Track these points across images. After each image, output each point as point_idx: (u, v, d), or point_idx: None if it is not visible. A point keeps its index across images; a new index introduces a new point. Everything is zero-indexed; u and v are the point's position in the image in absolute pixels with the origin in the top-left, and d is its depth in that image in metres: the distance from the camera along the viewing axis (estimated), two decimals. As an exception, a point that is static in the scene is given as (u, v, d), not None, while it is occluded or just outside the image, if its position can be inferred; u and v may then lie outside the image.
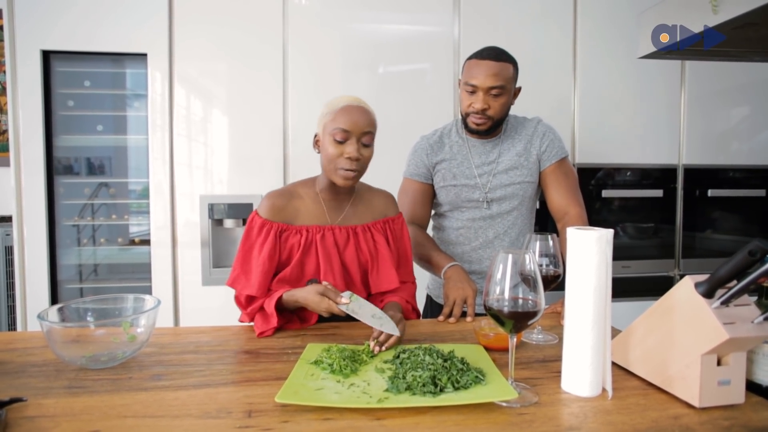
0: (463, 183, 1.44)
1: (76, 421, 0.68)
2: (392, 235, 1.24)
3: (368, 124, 1.12)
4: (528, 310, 0.76)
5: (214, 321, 1.24)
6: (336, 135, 1.10)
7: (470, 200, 1.44)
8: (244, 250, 1.15)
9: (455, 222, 1.48)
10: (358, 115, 1.10)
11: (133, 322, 0.92)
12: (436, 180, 1.48)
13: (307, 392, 0.75)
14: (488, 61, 1.33)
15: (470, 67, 1.37)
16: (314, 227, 1.16)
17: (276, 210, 1.15)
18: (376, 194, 1.28)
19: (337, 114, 1.11)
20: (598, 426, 0.68)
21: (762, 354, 0.78)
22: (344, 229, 1.18)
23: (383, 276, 1.19)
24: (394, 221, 1.26)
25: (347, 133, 1.09)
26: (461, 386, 0.77)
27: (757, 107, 2.46)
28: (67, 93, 2.11)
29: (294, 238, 1.15)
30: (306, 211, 1.18)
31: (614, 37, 2.30)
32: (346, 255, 1.17)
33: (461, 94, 1.40)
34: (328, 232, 1.17)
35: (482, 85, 1.33)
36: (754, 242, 0.64)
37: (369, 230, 1.21)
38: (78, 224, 2.18)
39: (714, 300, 0.72)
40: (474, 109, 1.35)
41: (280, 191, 1.20)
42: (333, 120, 1.11)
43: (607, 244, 0.78)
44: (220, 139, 2.14)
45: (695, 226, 2.44)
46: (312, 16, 2.15)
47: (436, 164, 1.47)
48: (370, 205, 1.24)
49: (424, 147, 1.50)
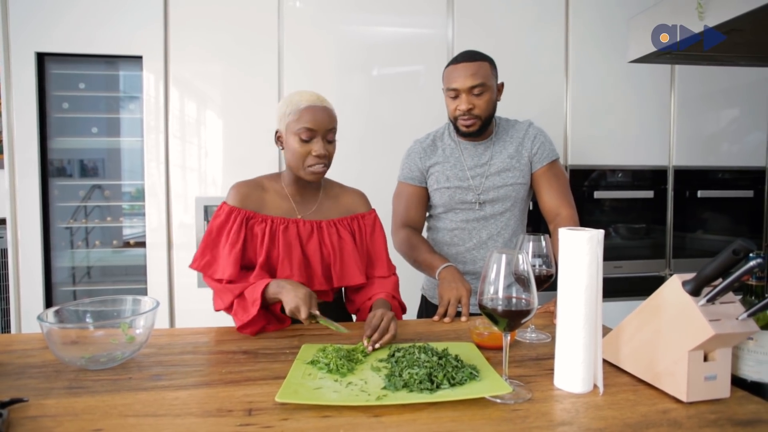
0: (457, 185, 1.46)
1: (79, 421, 0.69)
2: (360, 232, 1.27)
3: (332, 121, 1.17)
4: (521, 308, 0.78)
5: (210, 322, 1.25)
6: (302, 134, 1.14)
7: (464, 202, 1.46)
8: (212, 237, 1.17)
9: (449, 223, 1.50)
10: (321, 113, 1.15)
11: (132, 323, 0.93)
12: (430, 183, 1.51)
13: (306, 391, 0.77)
14: (464, 63, 1.37)
15: (448, 74, 1.41)
16: (279, 218, 1.19)
17: (243, 197, 1.19)
18: (346, 192, 1.31)
19: (301, 114, 1.15)
20: (589, 421, 0.70)
21: (747, 350, 0.81)
22: (309, 222, 1.21)
23: (347, 271, 1.22)
24: (364, 218, 1.29)
25: (313, 132, 1.14)
26: (457, 382, 0.79)
27: (745, 109, 2.51)
28: (61, 95, 2.11)
29: (259, 226, 1.18)
30: (272, 203, 1.22)
31: (606, 40, 2.34)
32: (308, 248, 1.20)
33: (446, 102, 1.44)
34: (292, 225, 1.20)
35: (463, 87, 1.36)
36: (738, 242, 0.67)
37: (334, 225, 1.24)
38: (72, 226, 2.18)
39: (700, 298, 0.74)
40: (460, 111, 1.38)
41: (247, 181, 1.24)
42: (297, 120, 1.15)
43: (598, 244, 0.80)
44: (215, 141, 2.15)
45: (685, 227, 2.48)
46: (306, 19, 2.16)
47: (430, 167, 1.50)
48: (339, 202, 1.28)
49: (417, 151, 1.52)
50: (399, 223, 1.53)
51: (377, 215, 1.33)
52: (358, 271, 1.22)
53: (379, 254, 1.29)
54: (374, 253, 1.29)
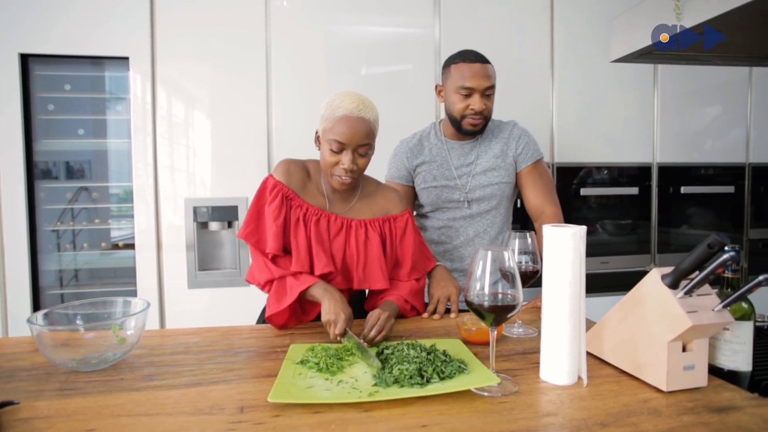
0: (444, 184, 1.48)
1: (71, 422, 0.69)
2: (391, 236, 1.25)
3: (365, 136, 1.12)
4: (507, 304, 0.80)
5: (201, 324, 1.25)
6: (332, 145, 1.12)
7: (451, 200, 1.49)
8: (257, 209, 1.18)
9: (436, 222, 1.53)
10: (355, 126, 1.11)
11: (123, 324, 0.94)
12: (417, 182, 1.53)
13: (298, 390, 0.78)
14: (479, 64, 1.39)
15: (461, 71, 1.39)
16: (314, 208, 1.19)
17: (288, 175, 1.20)
18: (381, 191, 1.29)
19: (335, 123, 1.11)
20: (573, 411, 0.72)
21: (723, 340, 0.84)
22: (339, 219, 1.21)
23: (369, 275, 1.20)
24: (396, 220, 1.26)
25: (343, 145, 1.11)
26: (446, 376, 0.81)
27: (726, 107, 2.57)
28: (46, 97, 2.09)
29: (295, 211, 1.17)
30: (310, 191, 1.22)
31: (590, 40, 2.38)
32: (334, 244, 1.19)
33: (451, 97, 1.42)
34: (324, 218, 1.19)
35: (479, 87, 1.37)
36: (712, 236, 0.69)
37: (364, 226, 1.22)
38: (59, 229, 2.16)
39: (678, 290, 0.77)
40: (472, 110, 1.39)
41: (296, 161, 1.24)
42: (331, 128, 1.12)
43: (581, 239, 0.83)
44: (204, 142, 2.14)
45: (669, 222, 2.53)
46: (294, 19, 2.17)
47: (417, 167, 1.52)
48: (374, 201, 1.26)
49: (404, 150, 1.55)
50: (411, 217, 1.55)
51: (411, 216, 1.30)
52: (381, 275, 1.19)
53: (405, 258, 1.26)
54: (401, 256, 1.26)
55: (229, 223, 2.17)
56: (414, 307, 1.24)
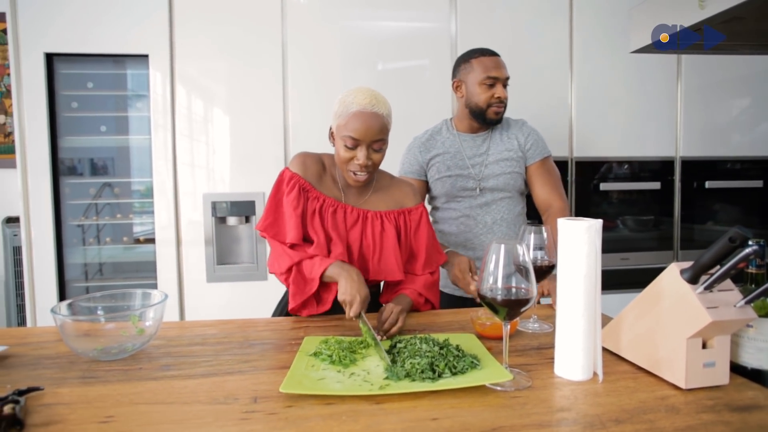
0: (458, 173, 1.54)
1: (91, 408, 0.72)
2: (406, 228, 1.25)
3: (379, 132, 1.12)
4: (521, 297, 0.79)
5: (219, 316, 1.28)
6: (347, 141, 1.12)
7: (465, 189, 1.54)
8: (275, 201, 1.20)
9: (453, 213, 1.57)
10: (369, 122, 1.11)
11: (142, 315, 0.96)
12: (431, 174, 1.58)
13: (310, 382, 0.78)
14: (496, 57, 1.52)
15: (485, 63, 1.51)
16: (330, 200, 1.20)
17: (305, 167, 1.21)
18: (396, 184, 1.30)
19: (349, 119, 1.11)
20: (587, 407, 0.71)
21: (746, 337, 0.81)
22: (355, 210, 1.22)
23: (385, 266, 1.20)
24: (411, 212, 1.27)
25: (357, 141, 1.12)
26: (458, 371, 0.80)
27: (753, 99, 2.48)
28: (70, 95, 2.15)
29: (312, 202, 1.18)
30: (326, 183, 1.23)
31: (610, 31, 2.32)
32: (350, 235, 1.20)
33: (475, 89, 1.51)
34: (340, 209, 1.20)
35: (502, 77, 1.50)
36: (734, 229, 0.67)
37: (380, 218, 1.23)
38: (83, 224, 2.22)
39: (698, 286, 0.75)
40: (497, 98, 1.50)
41: (311, 154, 1.25)
42: (345, 125, 1.12)
43: (596, 233, 0.81)
44: (222, 138, 2.17)
45: (693, 218, 2.46)
46: (310, 14, 2.18)
47: (430, 159, 1.58)
48: (389, 194, 1.27)
49: (416, 146, 1.61)
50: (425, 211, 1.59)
51: (425, 209, 1.30)
52: (396, 267, 1.20)
53: (419, 251, 1.26)
54: (415, 249, 1.26)
55: (247, 218, 2.20)
56: (428, 300, 1.24)
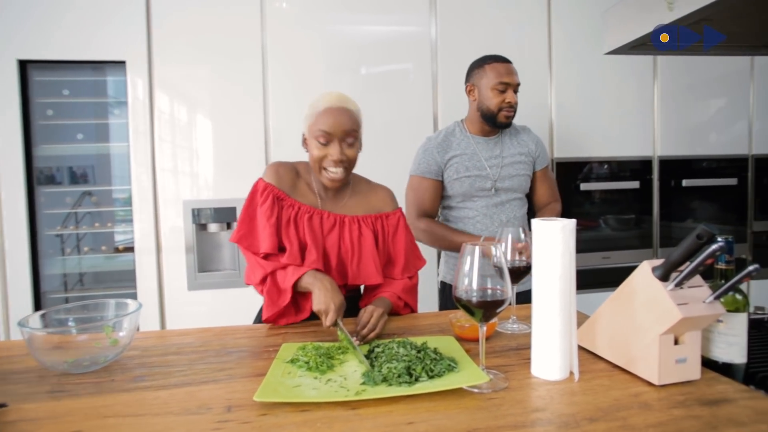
0: (476, 174, 1.64)
1: (59, 423, 0.70)
2: (383, 232, 1.25)
3: (350, 124, 1.14)
4: (496, 299, 0.79)
5: (201, 324, 1.25)
6: (319, 138, 1.13)
7: (482, 189, 1.65)
8: (248, 212, 1.19)
9: (468, 212, 1.67)
10: (339, 116, 1.13)
11: (115, 326, 0.94)
12: (449, 174, 1.66)
13: (285, 390, 0.77)
14: (509, 64, 1.63)
15: (497, 69, 1.61)
16: (306, 206, 1.19)
17: (278, 177, 1.20)
18: (374, 189, 1.30)
19: (318, 116, 1.14)
20: (562, 407, 0.72)
21: (717, 332, 0.83)
22: (332, 216, 1.21)
23: (364, 270, 1.20)
24: (388, 217, 1.26)
25: (329, 135, 1.13)
26: (435, 375, 0.80)
27: (727, 99, 2.54)
28: (45, 102, 2.11)
29: (287, 210, 1.18)
30: (301, 190, 1.22)
31: (588, 34, 2.36)
32: (327, 241, 1.19)
33: (487, 93, 1.61)
34: (317, 215, 1.20)
35: (513, 83, 1.61)
36: (701, 227, 0.68)
37: (357, 222, 1.22)
38: (62, 233, 2.17)
39: (669, 283, 0.76)
40: (507, 103, 1.60)
41: (285, 163, 1.24)
42: (315, 122, 1.14)
43: (570, 233, 0.82)
44: (202, 144, 2.15)
45: (671, 216, 2.50)
46: (290, 20, 2.17)
47: (448, 160, 1.66)
48: (366, 199, 1.27)
49: (434, 146, 1.67)
50: (416, 213, 1.68)
51: (402, 214, 1.30)
52: (375, 271, 1.20)
53: (398, 256, 1.26)
54: (394, 254, 1.26)
55: (228, 224, 2.18)
56: (407, 304, 1.24)
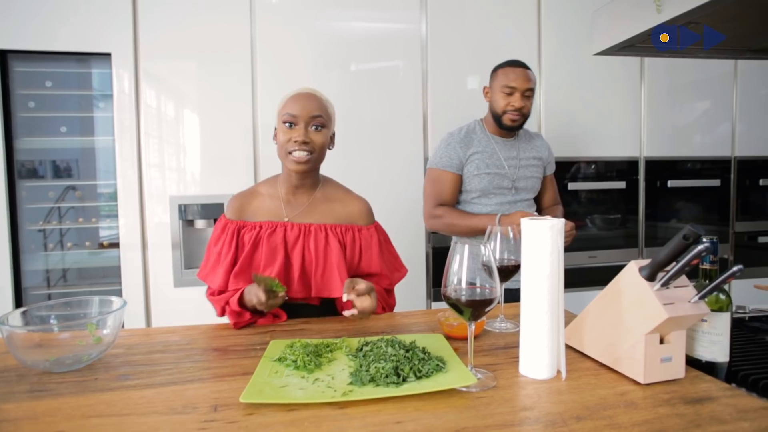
0: (495, 172, 1.71)
1: (39, 424, 0.68)
2: (353, 244, 1.21)
3: (317, 109, 1.16)
4: (485, 298, 0.79)
5: (188, 322, 1.23)
6: (285, 119, 1.15)
7: (500, 187, 1.73)
8: (210, 250, 1.22)
9: (484, 208, 1.74)
10: (306, 100, 1.16)
11: (99, 323, 0.92)
12: (469, 169, 1.72)
13: (271, 390, 0.76)
14: (522, 69, 1.67)
15: (507, 73, 1.66)
16: (267, 223, 1.19)
17: (236, 209, 1.22)
18: (350, 199, 1.26)
19: (286, 102, 1.17)
20: (550, 406, 0.72)
21: (701, 331, 0.84)
22: (297, 226, 1.19)
23: (328, 281, 1.17)
24: (361, 231, 1.23)
25: (295, 117, 1.14)
26: (423, 375, 0.80)
27: (712, 102, 2.58)
28: (27, 94, 2.06)
29: (248, 234, 1.19)
30: (265, 208, 1.22)
31: (577, 35, 2.37)
32: (293, 252, 1.18)
33: (496, 96, 1.68)
34: (280, 228, 1.19)
35: (521, 87, 1.64)
36: (687, 227, 0.69)
37: (324, 231, 1.20)
38: (44, 229, 2.13)
39: (656, 283, 0.77)
40: (513, 107, 1.65)
41: (242, 192, 1.26)
42: (282, 108, 1.18)
43: (559, 233, 0.82)
44: (190, 139, 2.12)
45: (657, 216, 2.54)
46: (280, 14, 2.14)
47: (470, 156, 1.72)
48: (338, 207, 1.23)
49: (456, 141, 1.74)
50: (434, 204, 1.75)
51: (379, 230, 1.27)
52: (340, 282, 1.16)
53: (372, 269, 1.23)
54: (368, 269, 1.23)
55: (215, 220, 2.15)
56: (386, 300, 1.25)
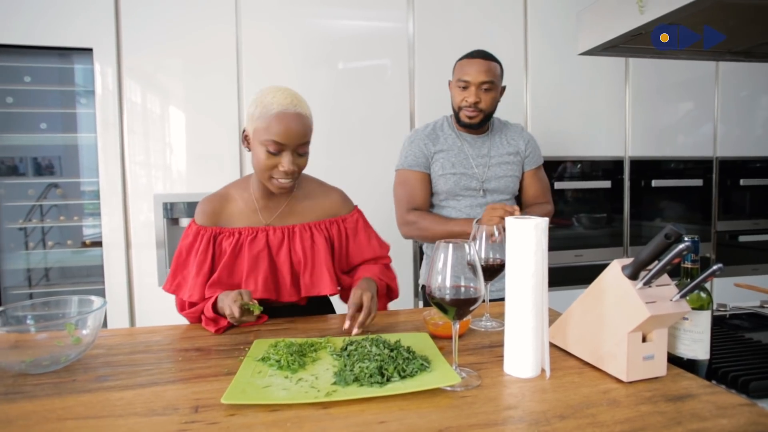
0: (462, 172, 1.57)
1: (13, 427, 0.66)
2: (339, 237, 1.20)
3: (305, 134, 1.06)
4: (469, 297, 0.79)
5: (172, 322, 1.21)
6: (269, 147, 1.04)
7: (468, 188, 1.58)
8: (181, 258, 1.14)
9: (452, 211, 1.60)
10: (293, 124, 1.03)
11: (78, 323, 0.90)
12: (435, 169, 1.59)
13: (254, 390, 0.75)
14: (479, 60, 1.52)
15: (462, 66, 1.53)
16: (247, 229, 1.14)
17: (209, 214, 1.15)
18: (326, 192, 1.24)
19: (270, 122, 1.02)
20: (533, 404, 0.72)
21: (683, 329, 0.85)
22: (279, 229, 1.16)
23: (317, 280, 1.15)
24: (345, 221, 1.22)
25: (282, 145, 1.04)
26: (407, 375, 0.79)
27: (695, 102, 2.62)
28: (4, 89, 2.01)
29: (227, 241, 1.13)
30: (240, 213, 1.16)
31: (563, 35, 2.39)
32: (278, 257, 1.15)
33: (452, 92, 1.56)
34: (262, 234, 1.15)
35: (474, 81, 1.49)
36: (669, 226, 0.70)
37: (309, 230, 1.17)
38: (25, 227, 2.08)
39: (638, 281, 0.77)
40: (467, 102, 1.51)
41: (213, 196, 1.18)
42: (266, 129, 1.03)
43: (543, 232, 0.82)
44: (174, 137, 2.09)
45: (641, 215, 2.58)
46: (266, 11, 2.12)
47: (435, 154, 1.59)
48: (317, 203, 1.21)
49: (421, 138, 1.60)
50: (406, 208, 1.59)
51: (359, 213, 1.26)
52: (329, 280, 1.15)
53: (363, 247, 1.23)
54: (357, 254, 1.23)
55: (201, 219, 2.13)
56: (389, 285, 1.22)
